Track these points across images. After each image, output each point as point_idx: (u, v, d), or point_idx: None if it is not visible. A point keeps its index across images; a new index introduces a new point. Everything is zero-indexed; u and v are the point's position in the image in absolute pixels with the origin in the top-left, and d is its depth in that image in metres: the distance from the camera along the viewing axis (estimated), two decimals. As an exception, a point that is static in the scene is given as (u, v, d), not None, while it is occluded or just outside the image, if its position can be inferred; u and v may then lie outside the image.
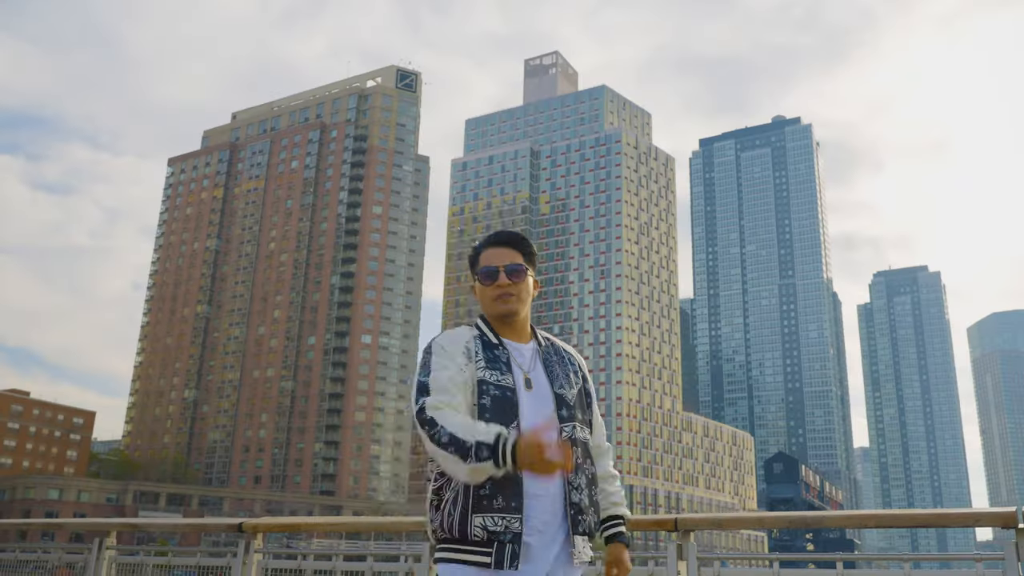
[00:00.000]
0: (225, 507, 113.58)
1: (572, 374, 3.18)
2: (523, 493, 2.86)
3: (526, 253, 3.19)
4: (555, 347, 3.24)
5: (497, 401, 2.94)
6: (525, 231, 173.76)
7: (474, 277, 3.20)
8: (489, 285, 3.12)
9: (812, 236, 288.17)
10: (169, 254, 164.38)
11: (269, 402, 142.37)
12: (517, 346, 3.12)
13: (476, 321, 3.20)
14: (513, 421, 2.92)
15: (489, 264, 3.14)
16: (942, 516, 3.70)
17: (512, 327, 3.15)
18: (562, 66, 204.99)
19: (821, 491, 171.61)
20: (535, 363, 3.11)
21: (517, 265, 3.14)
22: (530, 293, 3.18)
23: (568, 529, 2.95)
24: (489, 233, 3.23)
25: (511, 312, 3.11)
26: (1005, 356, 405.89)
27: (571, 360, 3.24)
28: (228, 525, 5.25)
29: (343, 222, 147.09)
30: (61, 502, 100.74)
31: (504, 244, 3.18)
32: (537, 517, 2.89)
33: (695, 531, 4.16)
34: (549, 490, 2.93)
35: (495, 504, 2.83)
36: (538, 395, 3.03)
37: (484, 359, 3.02)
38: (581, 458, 3.06)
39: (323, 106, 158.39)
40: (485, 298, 3.15)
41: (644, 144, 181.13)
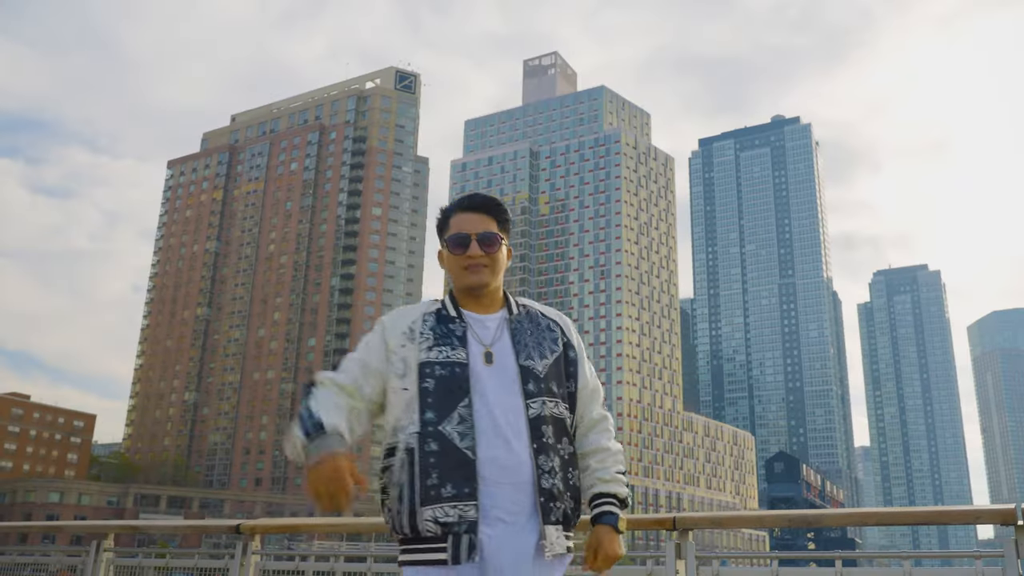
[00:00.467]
0: (226, 509, 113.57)
1: (549, 342, 2.81)
2: (476, 476, 2.54)
3: (501, 220, 2.86)
4: (531, 314, 2.87)
5: (443, 381, 2.62)
6: (525, 231, 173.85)
7: (442, 243, 2.87)
8: (459, 255, 2.79)
9: (812, 235, 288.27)
10: (169, 256, 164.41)
11: (269, 404, 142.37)
12: (480, 318, 2.79)
13: (444, 297, 2.90)
14: (463, 399, 2.61)
15: (460, 231, 2.80)
16: (942, 514, 3.69)
17: (479, 299, 2.82)
18: (561, 66, 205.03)
19: (822, 490, 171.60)
20: (501, 334, 2.77)
21: (490, 234, 2.80)
22: (504, 264, 2.86)
23: (539, 517, 2.59)
24: (461, 197, 2.89)
25: (481, 284, 2.79)
26: (1005, 354, 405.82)
27: (551, 326, 2.87)
28: (226, 527, 5.24)
29: (343, 224, 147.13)
30: (62, 505, 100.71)
31: (477, 209, 2.84)
32: (500, 505, 2.56)
33: (694, 530, 4.14)
34: (514, 475, 2.59)
35: (444, 493, 2.52)
36: (500, 369, 2.69)
37: (433, 336, 2.70)
38: (553, 437, 2.68)
39: (322, 108, 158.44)
40: (453, 268, 2.82)
41: (643, 144, 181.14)
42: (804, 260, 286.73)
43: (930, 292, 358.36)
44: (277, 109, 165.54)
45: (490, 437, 2.60)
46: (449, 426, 2.58)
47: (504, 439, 2.61)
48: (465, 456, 2.55)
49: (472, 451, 2.56)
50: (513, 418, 2.64)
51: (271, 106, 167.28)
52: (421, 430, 2.58)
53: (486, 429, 2.60)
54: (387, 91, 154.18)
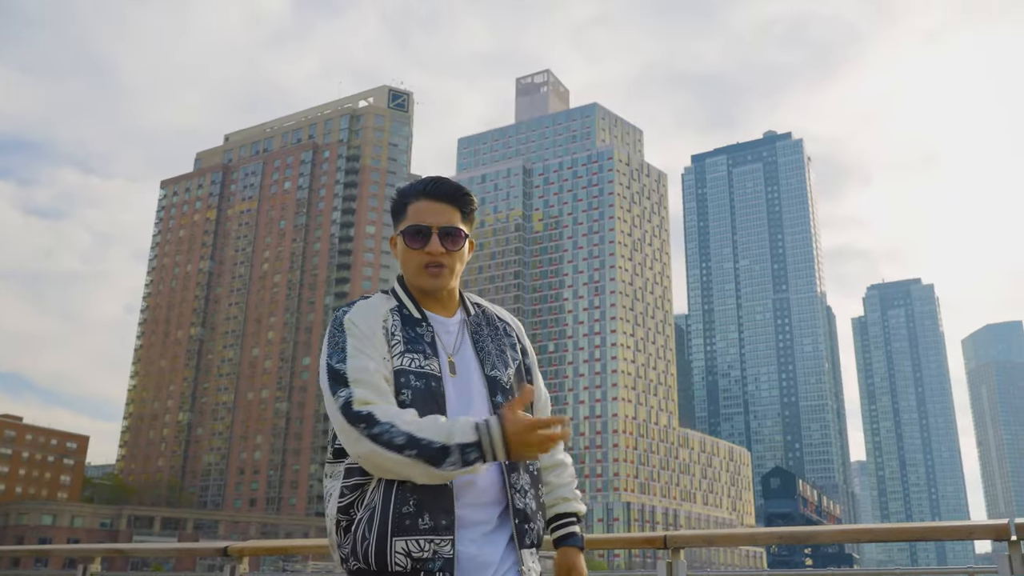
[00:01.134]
0: (220, 530, 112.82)
1: (508, 348, 2.51)
2: (454, 508, 2.21)
3: (465, 211, 2.49)
4: (487, 316, 2.56)
5: (419, 394, 2.28)
6: (519, 248, 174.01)
7: (396, 230, 2.50)
8: (417, 249, 2.43)
9: (805, 250, 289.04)
10: (162, 276, 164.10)
11: (264, 424, 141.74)
12: (442, 320, 2.46)
13: (393, 285, 2.54)
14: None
15: (420, 222, 2.43)
16: (935, 529, 3.65)
17: (437, 299, 2.48)
18: (553, 84, 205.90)
19: (819, 505, 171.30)
20: (462, 341, 2.45)
21: (454, 228, 2.44)
22: (464, 262, 2.50)
23: (513, 540, 2.30)
24: (423, 181, 2.50)
25: (440, 288, 2.45)
26: (1000, 367, 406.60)
27: (507, 330, 2.56)
28: (213, 549, 5.17)
29: (336, 242, 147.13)
30: (54, 528, 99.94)
31: (441, 198, 2.46)
32: (472, 536, 2.24)
33: (685, 548, 4.10)
34: (488, 499, 2.29)
35: (421, 524, 2.17)
36: (465, 381, 2.38)
37: (403, 339, 2.35)
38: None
39: (315, 127, 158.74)
40: (409, 263, 2.46)
41: (636, 161, 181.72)
42: (798, 275, 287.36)
43: (924, 306, 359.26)
44: (270, 128, 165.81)
45: None
46: None
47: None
48: (443, 484, 2.21)
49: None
50: None
51: (264, 125, 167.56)
52: None
53: None
54: (380, 110, 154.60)
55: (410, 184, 2.52)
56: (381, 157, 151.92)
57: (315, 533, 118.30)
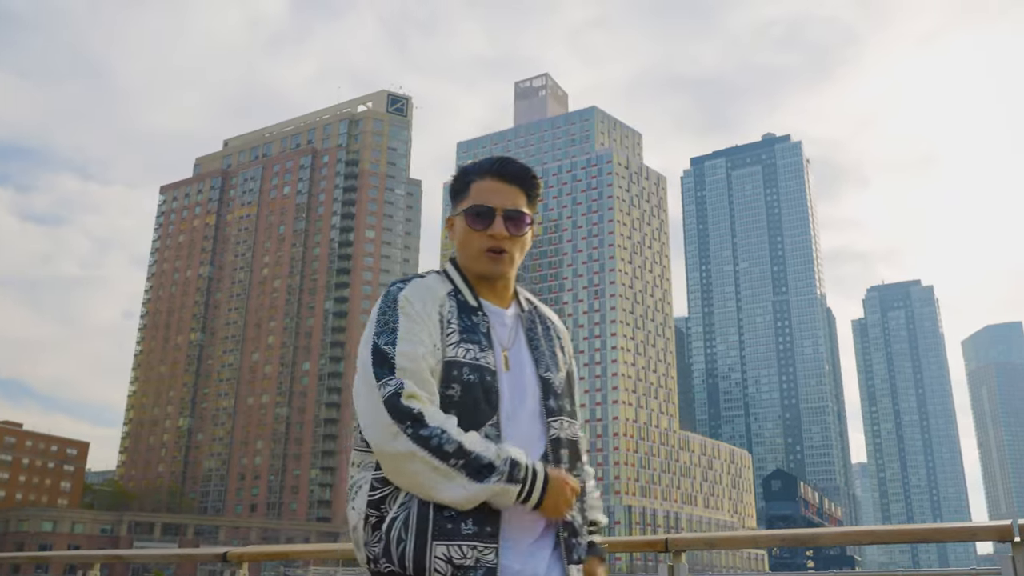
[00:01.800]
0: (221, 536, 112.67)
1: (559, 351, 2.33)
2: (500, 515, 2.01)
3: (532, 196, 2.29)
4: (539, 314, 2.37)
5: (470, 389, 2.07)
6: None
7: (456, 210, 2.30)
8: (479, 231, 2.21)
9: (804, 252, 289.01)
10: (162, 282, 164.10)
11: (264, 429, 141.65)
12: (497, 311, 2.26)
13: (446, 266, 2.32)
14: (492, 416, 2.07)
15: (483, 202, 2.22)
16: (938, 531, 3.63)
17: (492, 286, 2.28)
18: (552, 88, 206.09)
19: (820, 507, 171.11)
20: (516, 336, 2.25)
21: (519, 212, 2.23)
22: (526, 248, 2.31)
23: (562, 558, 2.11)
24: (490, 159, 2.29)
25: (500, 275, 2.25)
26: (1000, 368, 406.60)
27: (557, 332, 2.38)
28: (213, 555, 5.15)
29: (336, 247, 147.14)
30: (55, 534, 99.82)
31: (508, 179, 2.25)
32: (516, 548, 2.04)
33: (687, 551, 4.08)
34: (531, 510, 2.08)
35: (464, 529, 1.97)
36: (518, 380, 2.17)
37: (459, 328, 2.15)
38: (569, 463, 2.19)
39: (314, 131, 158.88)
40: (469, 246, 2.23)
41: (635, 164, 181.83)
42: (797, 277, 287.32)
43: (924, 307, 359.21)
44: (269, 133, 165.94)
45: None
46: None
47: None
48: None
49: None
50: (537, 441, 2.14)
51: (263, 130, 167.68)
52: None
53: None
54: (379, 114, 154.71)
55: (474, 162, 2.32)
56: (380, 162, 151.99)
57: (316, 538, 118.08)
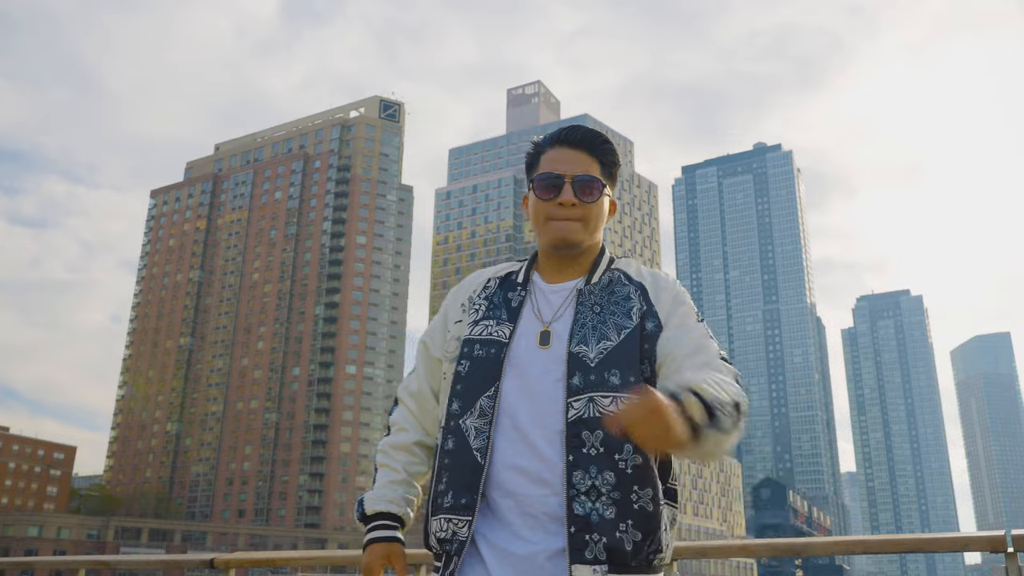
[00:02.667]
0: (208, 542, 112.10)
1: (620, 316, 2.00)
2: (478, 486, 1.90)
3: (605, 163, 2.12)
4: (613, 281, 2.08)
5: (478, 364, 2.01)
6: (510, 259, 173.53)
7: (529, 184, 2.14)
8: (547, 200, 2.06)
9: (795, 261, 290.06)
10: (152, 286, 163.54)
11: (253, 434, 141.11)
12: (548, 287, 2.09)
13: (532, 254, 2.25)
14: (489, 388, 1.96)
15: (552, 170, 2.08)
16: (930, 541, 3.61)
17: (561, 261, 2.11)
18: (544, 95, 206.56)
19: (809, 516, 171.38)
20: (565, 310, 2.04)
21: (589, 178, 2.06)
22: (603, 219, 2.12)
23: (566, 551, 1.82)
24: (560, 128, 2.14)
25: (570, 242, 2.06)
26: (988, 379, 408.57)
27: (630, 294, 2.04)
28: (199, 561, 5.09)
29: (327, 252, 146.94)
30: (40, 540, 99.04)
31: (577, 145, 2.10)
32: (511, 529, 1.88)
33: (678, 560, 4.05)
34: (537, 493, 1.88)
35: (444, 502, 1.95)
36: (551, 354, 1.97)
37: (485, 307, 2.10)
38: (602, 447, 1.87)
39: (306, 137, 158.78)
40: (538, 216, 2.09)
41: (627, 171, 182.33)
42: (787, 286, 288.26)
43: (913, 317, 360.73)
44: (261, 138, 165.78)
45: (511, 439, 1.93)
46: (469, 419, 1.97)
47: (530, 444, 1.92)
48: (473, 459, 1.93)
49: (483, 454, 1.92)
50: (549, 419, 1.92)
51: (255, 135, 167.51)
52: (445, 423, 2.03)
53: (508, 428, 1.94)
54: (371, 120, 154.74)
55: (545, 135, 2.19)
56: (372, 167, 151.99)
57: (303, 545, 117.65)
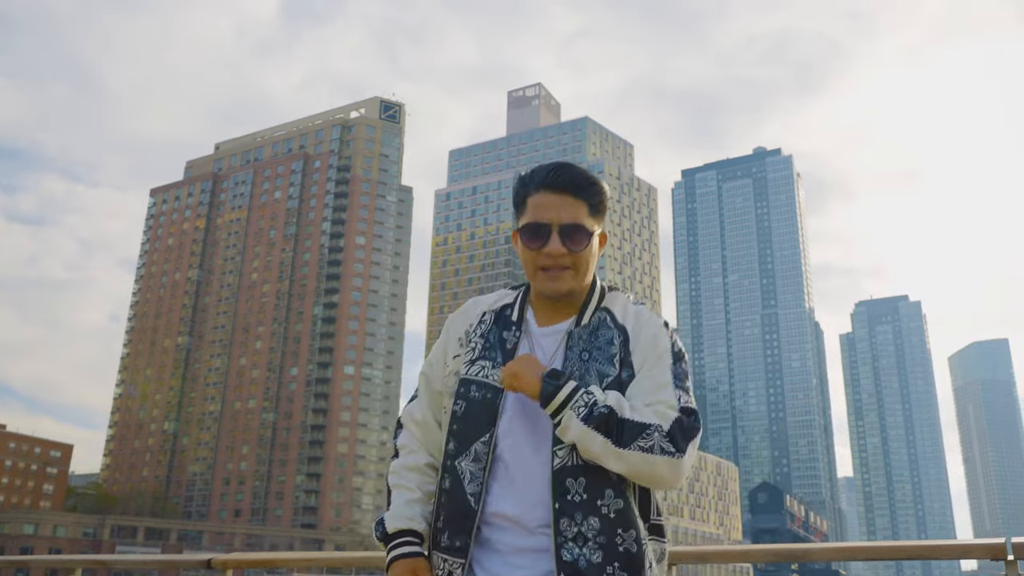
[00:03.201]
0: (204, 541, 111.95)
1: (602, 363, 2.04)
2: (472, 530, 1.99)
3: (594, 204, 2.09)
4: (601, 324, 2.10)
5: (473, 407, 2.06)
6: (509, 261, 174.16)
7: (517, 224, 2.13)
8: (535, 249, 2.06)
9: (794, 266, 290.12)
10: (150, 285, 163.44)
11: (250, 434, 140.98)
12: (540, 331, 2.12)
13: (526, 284, 2.26)
14: (484, 433, 2.03)
15: (538, 218, 2.06)
16: (932, 548, 3.60)
17: (554, 303, 2.14)
18: (545, 97, 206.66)
19: (806, 521, 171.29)
20: (557, 354, 2.08)
21: (577, 226, 2.05)
22: (593, 260, 2.14)
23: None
24: (545, 168, 2.11)
25: (559, 292, 2.10)
26: (986, 385, 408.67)
27: (613, 339, 2.07)
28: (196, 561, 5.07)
29: (326, 252, 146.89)
30: (36, 537, 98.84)
31: (563, 189, 2.06)
32: (495, 567, 1.98)
33: (678, 565, 4.03)
34: (524, 541, 1.97)
35: (443, 541, 2.04)
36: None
37: (481, 345, 2.12)
38: (587, 493, 1.93)
39: (306, 137, 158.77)
40: (528, 264, 2.11)
41: (627, 175, 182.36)
42: (786, 290, 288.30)
43: (911, 322, 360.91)
44: (261, 138, 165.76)
45: (504, 485, 2.00)
46: (464, 462, 2.04)
47: (521, 492, 1.99)
48: (467, 503, 2.00)
49: (476, 499, 1.99)
50: (538, 467, 1.99)
51: (255, 135, 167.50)
52: (443, 462, 2.09)
53: (501, 474, 2.01)
54: (372, 120, 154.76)
55: (531, 171, 2.13)
56: (372, 168, 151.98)
57: (300, 545, 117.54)
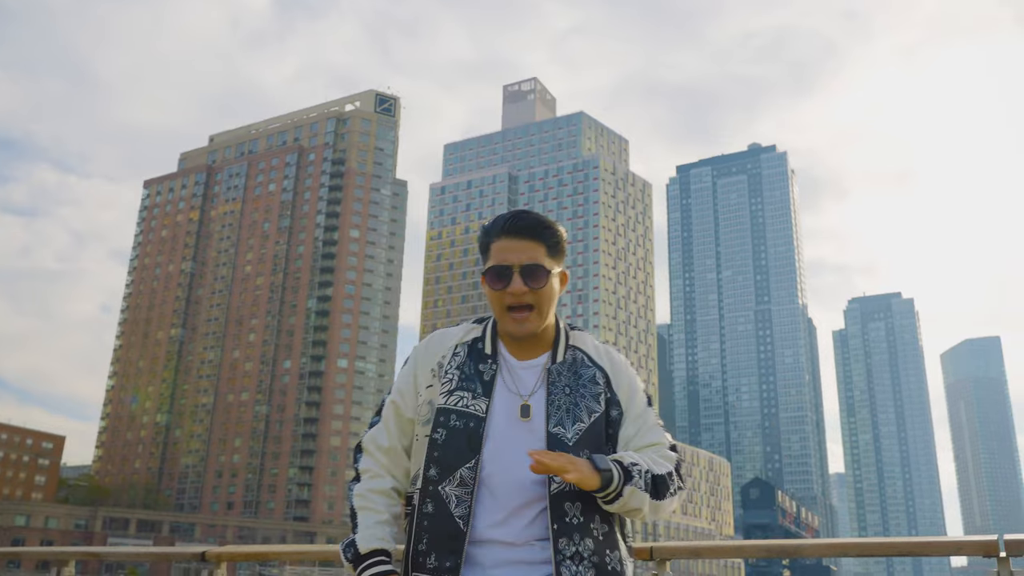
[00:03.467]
0: (196, 533, 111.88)
1: (589, 399, 2.29)
2: (462, 551, 2.13)
3: (551, 245, 2.31)
4: (576, 362, 2.35)
5: (455, 435, 2.22)
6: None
7: (482, 274, 2.36)
8: (499, 290, 2.28)
9: (787, 262, 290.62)
10: (143, 276, 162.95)
11: (243, 427, 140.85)
12: (515, 363, 2.34)
13: (490, 319, 2.44)
14: (470, 460, 2.19)
15: (501, 262, 2.28)
16: (925, 545, 3.62)
17: (522, 340, 2.35)
18: (540, 92, 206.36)
19: (797, 517, 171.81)
20: (538, 387, 2.30)
21: (536, 266, 2.27)
22: (554, 299, 2.34)
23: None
24: (504, 217, 2.35)
25: (526, 334, 2.31)
26: (977, 382, 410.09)
27: (595, 377, 2.33)
28: (191, 554, 5.08)
29: (320, 245, 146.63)
30: (28, 529, 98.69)
31: (521, 234, 2.29)
32: (489, 572, 2.15)
33: (671, 560, 4.05)
34: (517, 559, 2.15)
35: (428, 563, 2.16)
36: (530, 430, 2.23)
37: (458, 377, 2.30)
38: (582, 516, 2.17)
39: (301, 130, 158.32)
40: (494, 305, 2.33)
41: (621, 170, 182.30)
42: (780, 287, 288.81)
43: (904, 320, 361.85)
44: (255, 130, 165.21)
45: (491, 508, 2.17)
46: (448, 487, 2.19)
47: (509, 513, 2.17)
48: (455, 526, 2.15)
49: (464, 521, 2.15)
50: (526, 489, 2.18)
51: (249, 127, 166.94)
52: (422, 487, 2.24)
53: (487, 498, 2.18)
54: (367, 114, 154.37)
55: (492, 221, 2.38)
56: (367, 161, 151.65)
57: (292, 538, 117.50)
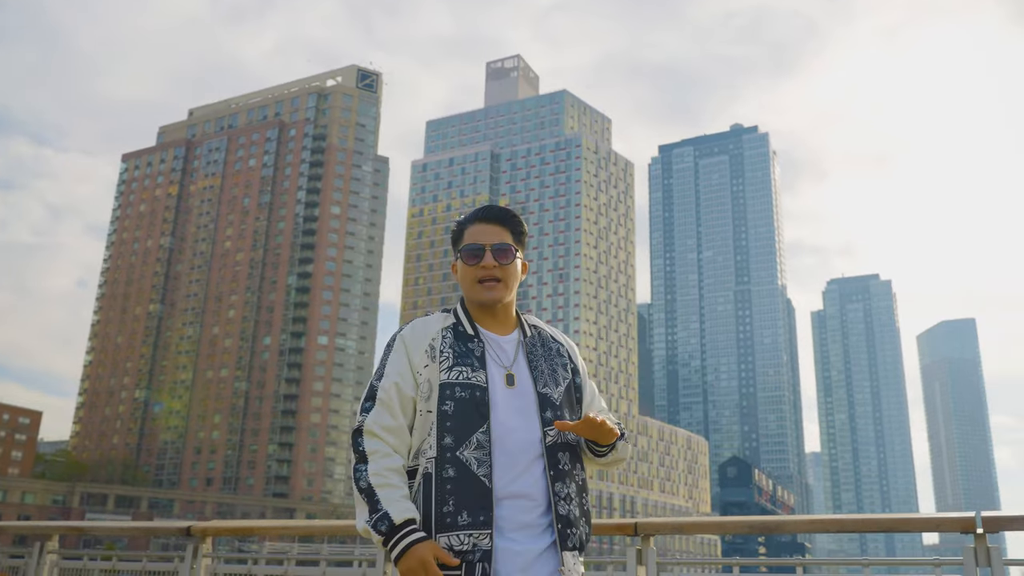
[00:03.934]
0: (175, 509, 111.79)
1: (560, 368, 2.83)
2: (492, 505, 2.55)
3: (516, 232, 2.87)
4: (542, 337, 2.89)
5: (463, 404, 2.63)
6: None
7: (456, 255, 2.86)
8: (472, 265, 2.78)
9: (767, 243, 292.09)
10: (121, 251, 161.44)
11: (222, 403, 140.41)
12: (496, 338, 2.80)
13: (455, 307, 2.88)
14: (482, 424, 2.61)
15: (474, 241, 2.80)
16: (903, 521, 3.69)
17: (494, 315, 2.84)
18: (523, 69, 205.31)
19: (773, 495, 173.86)
20: (518, 357, 2.79)
21: (505, 245, 2.80)
22: (518, 277, 2.85)
23: (556, 543, 2.59)
24: (477, 209, 2.88)
25: (494, 300, 2.79)
26: (952, 364, 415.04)
27: (560, 351, 2.88)
28: (176, 528, 5.08)
29: (301, 222, 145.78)
30: (5, 504, 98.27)
31: (493, 220, 2.84)
32: (516, 533, 2.57)
33: (655, 536, 4.10)
34: (528, 501, 2.62)
35: (460, 520, 2.53)
36: (519, 394, 2.71)
37: (453, 355, 2.70)
38: (569, 464, 2.70)
39: (282, 104, 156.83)
40: (466, 280, 2.80)
41: (604, 149, 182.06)
42: (759, 267, 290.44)
43: (881, 301, 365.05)
44: (235, 104, 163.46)
45: (507, 464, 2.61)
46: (467, 452, 2.58)
47: (521, 466, 2.62)
48: (482, 484, 2.55)
49: (488, 479, 2.56)
50: (530, 445, 2.65)
51: (229, 101, 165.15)
52: (439, 455, 2.59)
53: (503, 456, 2.61)
54: (348, 89, 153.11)
55: (466, 214, 2.90)
56: (348, 137, 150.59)
57: (272, 514, 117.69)
